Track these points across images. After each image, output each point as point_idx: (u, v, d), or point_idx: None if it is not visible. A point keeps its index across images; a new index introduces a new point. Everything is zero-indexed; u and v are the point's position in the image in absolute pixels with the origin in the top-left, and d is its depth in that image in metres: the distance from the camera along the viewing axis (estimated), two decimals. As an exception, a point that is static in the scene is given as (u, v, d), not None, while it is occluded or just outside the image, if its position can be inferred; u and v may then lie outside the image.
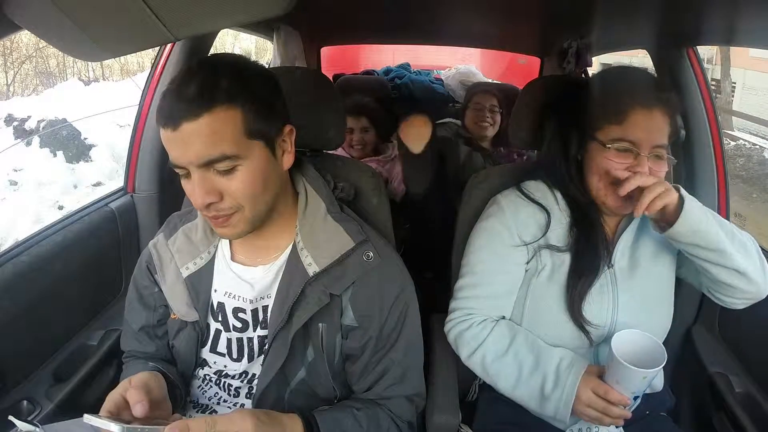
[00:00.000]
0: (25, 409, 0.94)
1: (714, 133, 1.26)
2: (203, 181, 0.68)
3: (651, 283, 0.91)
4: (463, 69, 3.02)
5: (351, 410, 0.77)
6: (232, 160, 0.67)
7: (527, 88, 1.09)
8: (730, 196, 1.28)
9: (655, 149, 0.83)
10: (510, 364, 0.88)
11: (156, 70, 1.34)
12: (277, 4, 0.58)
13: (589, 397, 0.80)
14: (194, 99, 0.65)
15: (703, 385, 1.06)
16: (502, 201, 0.96)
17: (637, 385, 0.77)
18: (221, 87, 0.66)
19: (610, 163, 0.84)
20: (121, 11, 0.55)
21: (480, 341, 0.90)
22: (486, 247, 0.94)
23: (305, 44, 2.29)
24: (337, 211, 0.81)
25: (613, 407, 0.79)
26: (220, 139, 0.66)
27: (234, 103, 0.66)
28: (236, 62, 0.71)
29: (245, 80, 0.69)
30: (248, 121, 0.67)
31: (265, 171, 0.71)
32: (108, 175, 4.85)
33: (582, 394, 0.81)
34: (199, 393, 0.86)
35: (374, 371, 0.80)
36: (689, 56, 1.26)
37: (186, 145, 0.66)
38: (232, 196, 0.69)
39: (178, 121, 0.65)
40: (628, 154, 0.83)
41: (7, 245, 1.45)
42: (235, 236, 0.75)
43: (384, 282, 0.78)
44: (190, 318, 0.82)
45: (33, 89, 8.36)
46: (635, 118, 0.82)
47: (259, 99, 0.69)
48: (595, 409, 0.80)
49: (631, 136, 0.82)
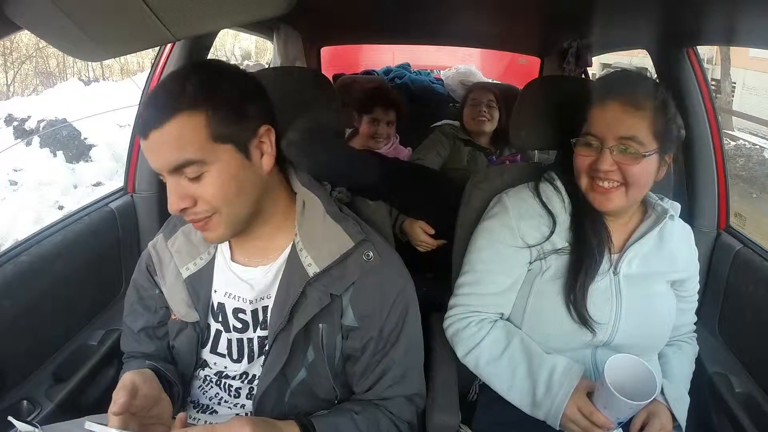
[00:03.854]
0: (25, 409, 0.94)
1: (714, 133, 1.26)
2: (175, 186, 0.69)
3: (656, 296, 0.91)
4: (463, 69, 3.01)
5: (350, 414, 0.76)
6: (198, 166, 0.67)
7: (527, 88, 1.09)
8: (730, 196, 1.28)
9: (621, 141, 0.83)
10: (504, 368, 0.89)
11: (156, 70, 1.34)
12: (277, 4, 0.58)
13: (574, 414, 0.82)
14: (160, 107, 0.67)
15: (703, 385, 1.06)
16: (507, 201, 0.96)
17: (623, 413, 0.77)
18: (186, 93, 0.67)
19: (578, 158, 0.88)
20: (121, 11, 0.55)
21: (476, 342, 0.91)
22: (488, 247, 0.94)
23: (305, 44, 2.29)
24: (336, 210, 0.80)
25: (596, 429, 0.80)
26: (183, 145, 0.66)
27: (197, 108, 0.66)
28: (206, 67, 0.72)
29: (212, 84, 0.68)
30: (214, 126, 0.67)
31: (236, 175, 0.70)
32: (108, 175, 4.85)
33: (568, 409, 0.82)
34: (199, 393, 0.86)
35: (375, 371, 0.80)
36: (689, 56, 1.26)
37: (154, 153, 0.68)
38: (204, 201, 0.70)
39: (146, 131, 0.67)
40: (591, 148, 0.86)
41: (7, 245, 1.45)
42: (218, 239, 0.76)
43: (384, 282, 0.78)
44: (191, 318, 0.82)
45: (33, 89, 8.36)
46: (594, 112, 0.86)
47: (227, 102, 0.68)
48: (578, 425, 0.82)
49: (593, 130, 0.86)
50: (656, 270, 0.92)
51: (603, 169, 0.84)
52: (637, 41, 1.55)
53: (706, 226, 1.27)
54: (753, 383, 1.05)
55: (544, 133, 1.03)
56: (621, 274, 0.90)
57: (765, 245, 1.16)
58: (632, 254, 0.90)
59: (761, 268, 1.10)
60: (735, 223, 1.30)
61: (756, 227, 4.75)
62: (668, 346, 0.98)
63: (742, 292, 1.13)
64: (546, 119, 1.02)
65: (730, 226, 1.28)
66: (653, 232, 0.90)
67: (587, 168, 0.87)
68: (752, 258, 1.14)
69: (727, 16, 1.04)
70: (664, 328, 0.93)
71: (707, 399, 1.07)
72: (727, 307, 1.18)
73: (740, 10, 0.96)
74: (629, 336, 0.88)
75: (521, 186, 0.99)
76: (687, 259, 0.96)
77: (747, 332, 1.11)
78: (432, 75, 3.13)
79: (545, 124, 1.03)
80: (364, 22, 2.18)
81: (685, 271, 0.95)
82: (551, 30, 2.04)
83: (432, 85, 2.92)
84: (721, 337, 1.19)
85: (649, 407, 0.90)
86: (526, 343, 0.90)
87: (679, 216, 0.95)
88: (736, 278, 1.16)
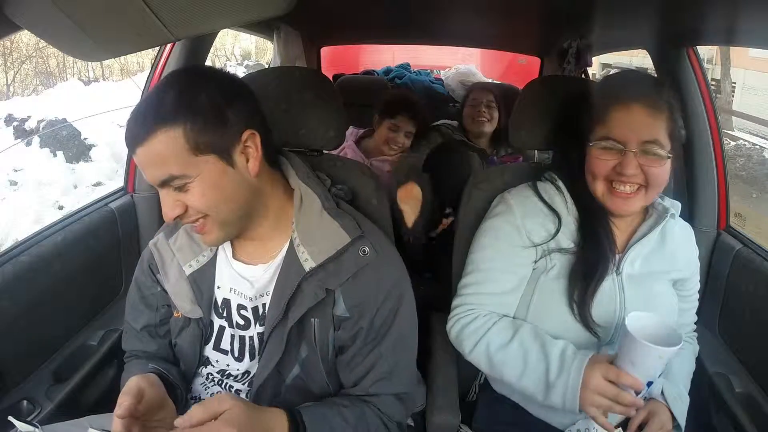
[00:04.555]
0: (25, 409, 0.94)
1: (714, 133, 1.26)
2: (166, 197, 0.71)
3: (658, 295, 0.91)
4: (463, 69, 3.01)
5: (338, 407, 0.76)
6: (181, 179, 0.69)
7: (527, 88, 1.09)
8: (730, 196, 1.28)
9: (645, 145, 0.82)
10: (514, 352, 0.86)
11: (156, 70, 1.34)
12: (277, 4, 0.58)
13: (599, 383, 0.76)
14: (142, 123, 0.68)
15: (703, 385, 1.06)
16: (510, 200, 0.95)
17: (652, 366, 0.73)
18: (165, 106, 0.67)
19: (596, 162, 0.86)
20: (121, 11, 0.55)
21: (484, 331, 0.89)
22: (493, 245, 0.93)
23: (305, 44, 2.29)
24: (333, 207, 0.81)
25: (625, 394, 0.75)
26: (165, 161, 0.68)
27: (175, 122, 0.67)
28: (184, 76, 0.73)
29: (190, 95, 0.68)
30: (192, 139, 0.68)
31: (221, 183, 0.71)
32: (108, 175, 4.85)
33: (590, 379, 0.77)
34: (201, 390, 0.87)
35: (362, 364, 0.79)
36: (689, 56, 1.26)
37: (143, 168, 0.71)
38: (193, 208, 0.71)
39: (133, 147, 0.69)
40: (613, 152, 0.84)
41: (7, 245, 1.45)
42: (215, 242, 0.77)
43: (379, 274, 0.78)
44: (195, 315, 0.82)
45: (33, 89, 8.36)
46: (615, 115, 0.83)
47: (205, 112, 0.68)
48: (605, 395, 0.76)
49: (615, 133, 0.83)
50: (658, 269, 0.92)
51: (628, 173, 0.82)
52: (637, 41, 1.55)
53: (706, 226, 1.26)
54: (753, 383, 1.05)
55: (544, 133, 1.03)
56: (624, 274, 0.90)
57: (765, 245, 1.16)
58: (634, 254, 0.90)
59: (761, 268, 1.09)
60: (735, 223, 1.30)
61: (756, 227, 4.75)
62: None
63: (742, 292, 1.13)
64: (546, 119, 1.02)
65: (730, 226, 1.28)
66: (655, 231, 0.90)
67: (607, 172, 0.85)
68: (752, 258, 1.13)
69: (727, 16, 1.04)
70: None
71: (707, 399, 1.07)
72: (727, 307, 1.18)
73: (740, 10, 0.96)
74: None
75: (522, 186, 0.98)
76: (688, 258, 0.96)
77: (747, 332, 1.11)
78: (432, 75, 3.13)
79: (545, 124, 1.03)
80: (364, 22, 2.18)
81: (686, 270, 0.95)
82: (551, 30, 2.04)
83: (432, 85, 2.93)
84: (721, 337, 1.19)
85: (649, 407, 0.90)
86: (535, 328, 0.88)
87: (679, 215, 0.95)
88: (736, 278, 1.16)
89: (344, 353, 0.80)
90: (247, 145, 0.73)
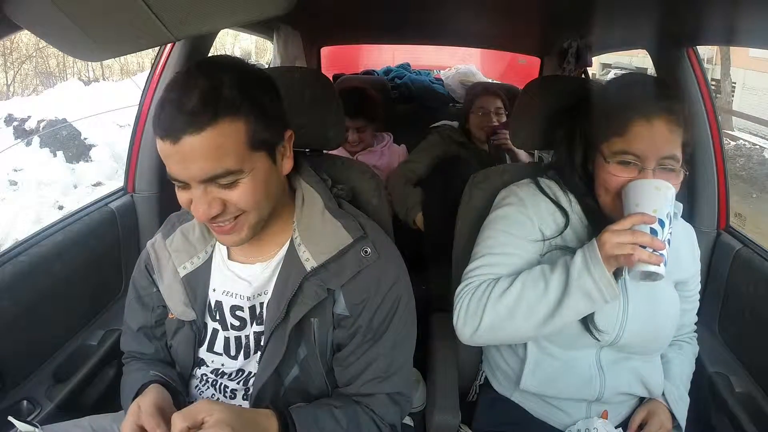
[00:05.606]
0: (25, 409, 0.94)
1: (714, 133, 1.26)
2: (205, 195, 0.67)
3: (661, 296, 0.90)
4: (463, 69, 3.01)
5: (330, 408, 0.76)
6: (235, 175, 0.66)
7: (527, 88, 1.09)
8: (730, 196, 1.28)
9: (663, 161, 0.79)
10: (525, 280, 0.82)
11: (156, 70, 1.34)
12: (277, 4, 0.58)
13: (611, 232, 0.74)
14: (197, 111, 0.62)
15: (703, 385, 1.06)
16: (520, 192, 0.93)
17: (654, 200, 0.73)
18: (225, 97, 0.63)
19: (612, 178, 0.81)
20: (121, 11, 0.55)
21: (489, 293, 0.84)
22: (505, 231, 0.90)
23: (305, 44, 2.29)
24: (335, 207, 0.80)
25: (641, 231, 0.72)
26: (223, 154, 0.64)
27: (238, 114, 0.64)
28: (238, 68, 0.69)
29: (248, 88, 0.66)
30: (252, 133, 0.66)
31: (267, 180, 0.70)
32: (108, 175, 4.86)
33: (603, 237, 0.75)
34: (196, 393, 0.86)
35: (358, 362, 0.78)
36: (689, 56, 1.26)
37: (187, 161, 0.64)
38: (236, 206, 0.69)
39: (178, 135, 0.62)
40: (632, 167, 0.80)
41: (7, 245, 1.45)
42: (239, 243, 0.74)
43: (379, 274, 0.78)
44: (188, 317, 0.82)
45: (33, 89, 8.37)
46: (637, 130, 0.79)
47: (261, 107, 0.67)
48: (623, 242, 0.73)
49: (634, 148, 0.79)
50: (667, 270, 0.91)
51: None
52: (637, 41, 1.55)
53: (706, 226, 1.26)
54: (753, 383, 1.05)
55: (544, 133, 1.03)
56: (626, 276, 0.89)
57: (766, 245, 1.16)
58: None
59: (761, 268, 1.10)
60: (735, 223, 1.30)
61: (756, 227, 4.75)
62: (669, 346, 0.97)
63: (742, 292, 1.13)
64: (546, 119, 1.02)
65: (730, 226, 1.28)
66: None
67: (614, 188, 0.81)
68: (752, 258, 1.14)
69: (727, 16, 1.04)
70: (669, 328, 0.92)
71: (707, 399, 1.07)
72: (727, 307, 1.18)
73: (740, 10, 0.96)
74: (635, 336, 0.88)
75: (525, 181, 0.97)
76: (690, 258, 0.96)
77: (747, 332, 1.11)
78: (432, 75, 3.13)
79: (545, 124, 1.03)
80: (364, 22, 2.19)
81: (688, 270, 0.95)
82: (551, 30, 2.04)
83: (432, 85, 2.92)
84: (721, 337, 1.19)
85: (649, 407, 0.90)
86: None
87: (680, 216, 0.95)
88: (736, 278, 1.16)
89: (340, 350, 0.80)
90: (284, 144, 0.73)
